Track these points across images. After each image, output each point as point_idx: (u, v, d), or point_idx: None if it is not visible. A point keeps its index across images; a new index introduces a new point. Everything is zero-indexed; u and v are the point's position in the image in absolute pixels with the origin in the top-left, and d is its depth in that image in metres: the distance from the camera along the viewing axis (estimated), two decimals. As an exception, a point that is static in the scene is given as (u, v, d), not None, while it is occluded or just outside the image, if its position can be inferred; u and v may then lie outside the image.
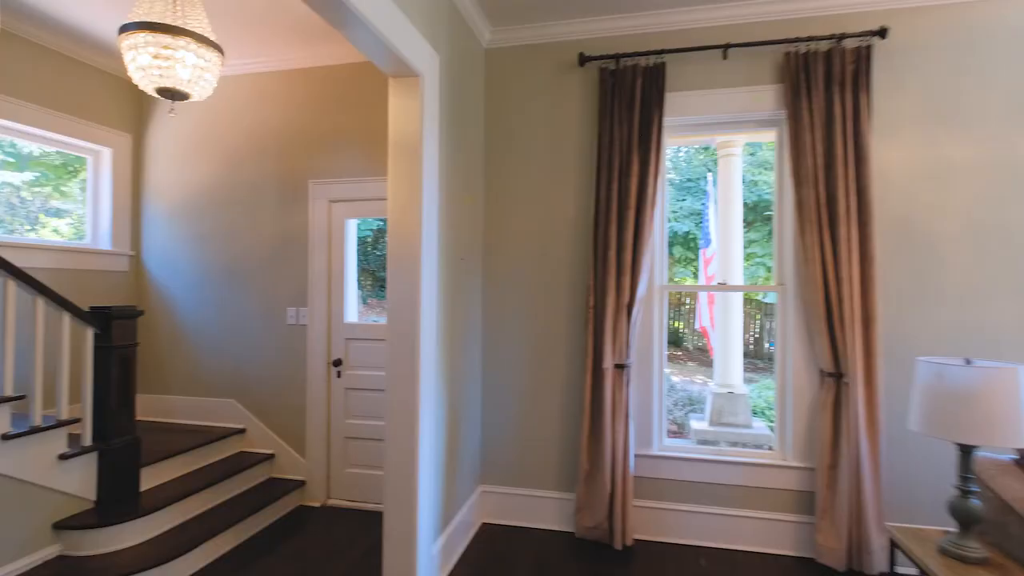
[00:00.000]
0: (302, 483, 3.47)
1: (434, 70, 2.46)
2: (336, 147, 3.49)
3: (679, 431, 6.20)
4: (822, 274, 2.75)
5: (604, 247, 2.99)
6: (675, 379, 9.31)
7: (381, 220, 4.13)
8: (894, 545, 2.05)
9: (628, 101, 2.99)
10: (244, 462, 3.38)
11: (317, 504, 3.47)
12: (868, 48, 2.75)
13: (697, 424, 5.19)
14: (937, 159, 2.77)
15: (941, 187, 2.77)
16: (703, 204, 7.41)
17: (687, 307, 11.93)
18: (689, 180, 9.44)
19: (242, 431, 3.59)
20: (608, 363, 2.96)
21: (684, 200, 9.34)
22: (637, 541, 3.04)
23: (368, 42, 2.07)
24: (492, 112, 3.31)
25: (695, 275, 9.95)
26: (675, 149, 9.80)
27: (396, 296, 2.36)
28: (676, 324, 12.32)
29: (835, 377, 2.75)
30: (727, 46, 2.90)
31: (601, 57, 3.04)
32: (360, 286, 4.19)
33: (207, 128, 3.72)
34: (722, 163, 5.34)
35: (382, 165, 3.40)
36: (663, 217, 3.16)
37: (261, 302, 3.59)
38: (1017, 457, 2.12)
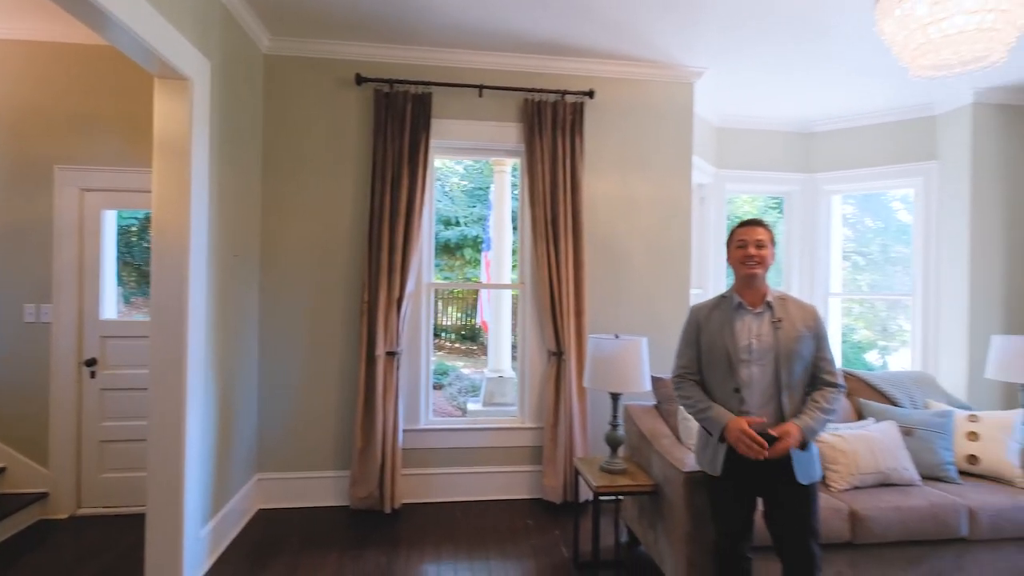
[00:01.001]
0: (44, 495, 3.18)
1: (205, 75, 2.58)
2: (92, 133, 3.27)
3: (463, 415, 6.88)
4: (548, 276, 3.53)
5: (377, 249, 3.38)
6: (466, 371, 10.13)
7: (149, 210, 3.91)
8: (577, 472, 2.83)
9: (400, 122, 3.43)
10: (-38, 480, 2.99)
11: (64, 516, 3.21)
12: (582, 104, 3.62)
13: (473, 406, 5.90)
14: (627, 192, 3.77)
15: (629, 213, 3.77)
16: (488, 212, 8.27)
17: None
18: (479, 188, 10.35)
19: (-42, 446, 3.13)
20: (380, 351, 3.36)
21: (475, 207, 10.22)
22: (405, 505, 3.50)
23: (128, 45, 2.13)
24: (272, 116, 3.46)
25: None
26: (474, 160, 10.66)
27: (161, 292, 2.43)
28: (471, 322, 13.26)
29: (557, 355, 3.55)
30: (481, 87, 3.52)
31: (376, 80, 3.43)
32: (122, 282, 3.89)
33: (-94, 93, 3.15)
34: (496, 177, 6.14)
35: (148, 156, 3.29)
36: (431, 224, 3.68)
37: (-13, 298, 3.18)
38: (656, 403, 3.08)
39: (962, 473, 2.80)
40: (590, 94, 3.61)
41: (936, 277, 4.29)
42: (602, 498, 2.59)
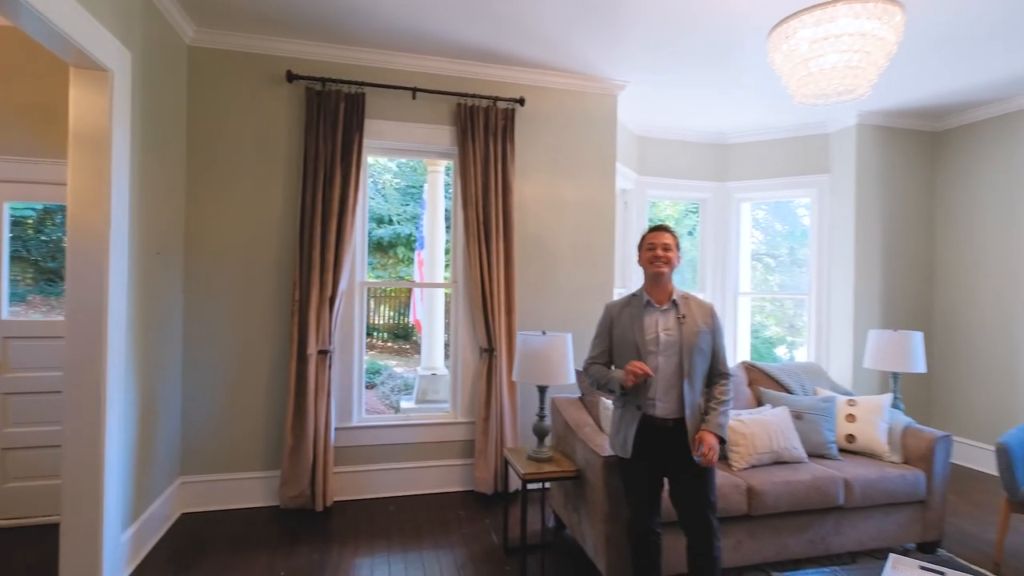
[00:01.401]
0: (-66, 509, 2.95)
1: (125, 67, 2.50)
2: (-10, 119, 3.05)
3: (395, 413, 6.89)
4: (480, 276, 3.65)
5: (309, 247, 3.38)
6: (399, 369, 10.07)
7: (54, 204, 3.67)
8: (507, 463, 2.98)
9: (332, 121, 3.44)
10: None
11: (-42, 531, 2.99)
12: (513, 110, 3.76)
13: (406, 404, 5.93)
14: (555, 196, 3.96)
15: (557, 215, 3.96)
16: (421, 210, 8.28)
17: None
18: (412, 187, 10.31)
19: None
20: (312, 349, 3.36)
21: (408, 205, 10.17)
22: (337, 502, 3.52)
23: (41, 32, 2.03)
24: (198, 110, 3.36)
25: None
26: (408, 159, 10.60)
27: (78, 291, 2.34)
28: (404, 320, 13.16)
29: (489, 352, 3.69)
30: (415, 89, 3.59)
31: (308, 78, 3.41)
32: (15, 280, 3.64)
33: None
34: (430, 177, 6.20)
35: (59, 147, 3.12)
36: (364, 223, 3.70)
37: None
38: (581, 395, 3.28)
39: (842, 451, 3.18)
40: (521, 101, 3.77)
41: (828, 277, 4.80)
42: (529, 485, 2.76)
